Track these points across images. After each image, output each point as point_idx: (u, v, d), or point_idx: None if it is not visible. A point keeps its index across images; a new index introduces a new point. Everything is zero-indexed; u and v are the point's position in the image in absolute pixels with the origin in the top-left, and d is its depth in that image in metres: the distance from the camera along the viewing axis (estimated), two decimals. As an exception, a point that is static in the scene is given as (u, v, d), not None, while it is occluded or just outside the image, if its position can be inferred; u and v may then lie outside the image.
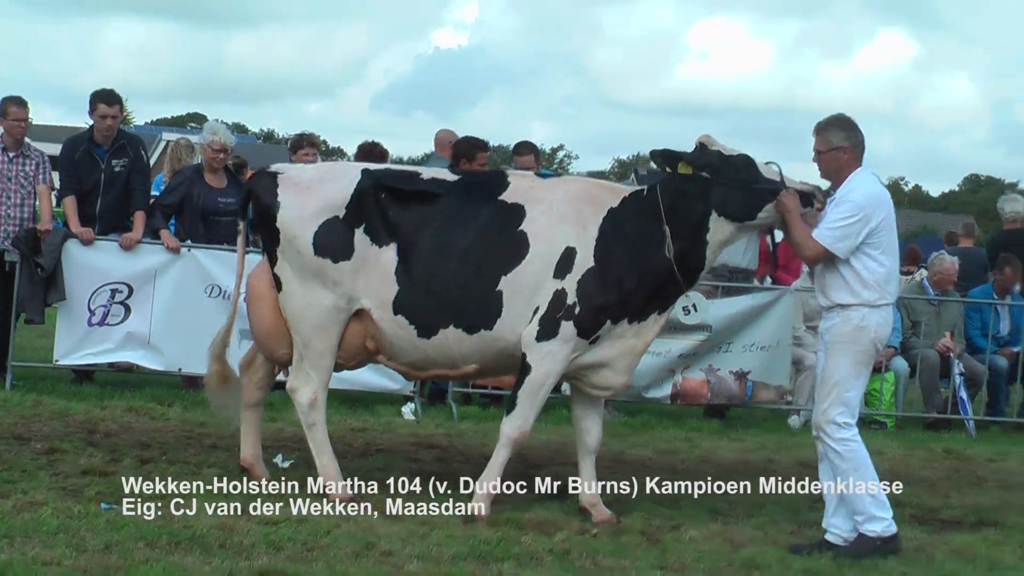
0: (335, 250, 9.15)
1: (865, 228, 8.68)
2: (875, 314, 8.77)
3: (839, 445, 8.83)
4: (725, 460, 12.04)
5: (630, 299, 9.20)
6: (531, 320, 9.06)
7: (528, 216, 9.19)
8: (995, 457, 13.33)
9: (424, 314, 9.15)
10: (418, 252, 9.15)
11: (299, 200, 9.26)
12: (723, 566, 8.07)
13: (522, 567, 7.70)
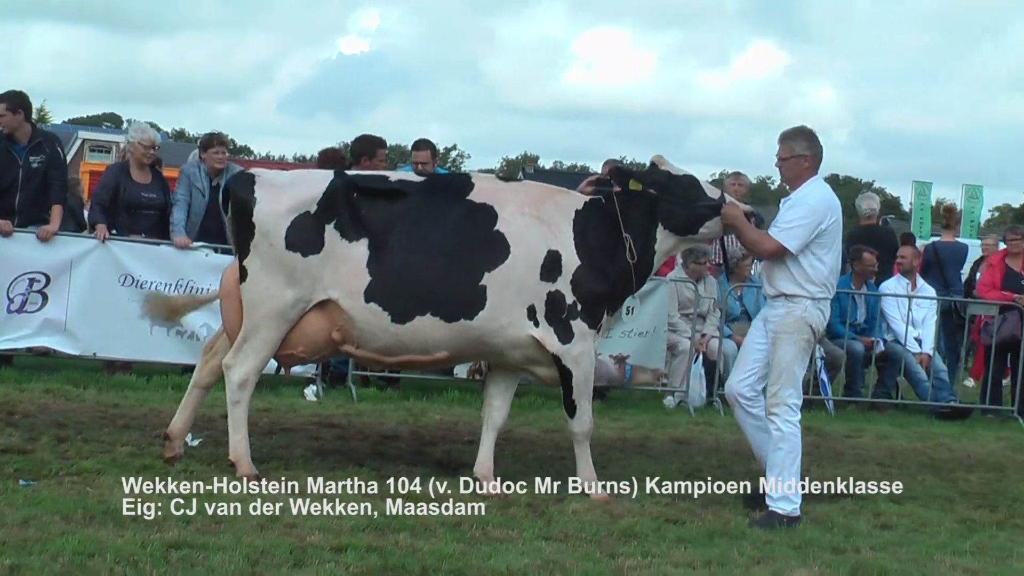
0: (305, 244, 9.16)
1: (816, 229, 9.09)
2: (816, 306, 9.18)
3: (787, 427, 9.17)
4: (605, 438, 12.10)
5: (612, 295, 9.55)
6: (526, 319, 9.26)
7: (500, 217, 9.33)
8: (851, 434, 13.53)
9: (399, 301, 9.18)
10: (392, 245, 9.19)
11: (274, 196, 9.27)
12: (603, 535, 8.12)
13: (416, 537, 7.71)
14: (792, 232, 9.09)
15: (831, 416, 14.93)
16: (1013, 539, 8.93)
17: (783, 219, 9.21)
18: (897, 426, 14.39)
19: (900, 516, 9.35)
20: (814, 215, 9.13)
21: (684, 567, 7.48)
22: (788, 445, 9.18)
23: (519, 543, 7.77)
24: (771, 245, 9.16)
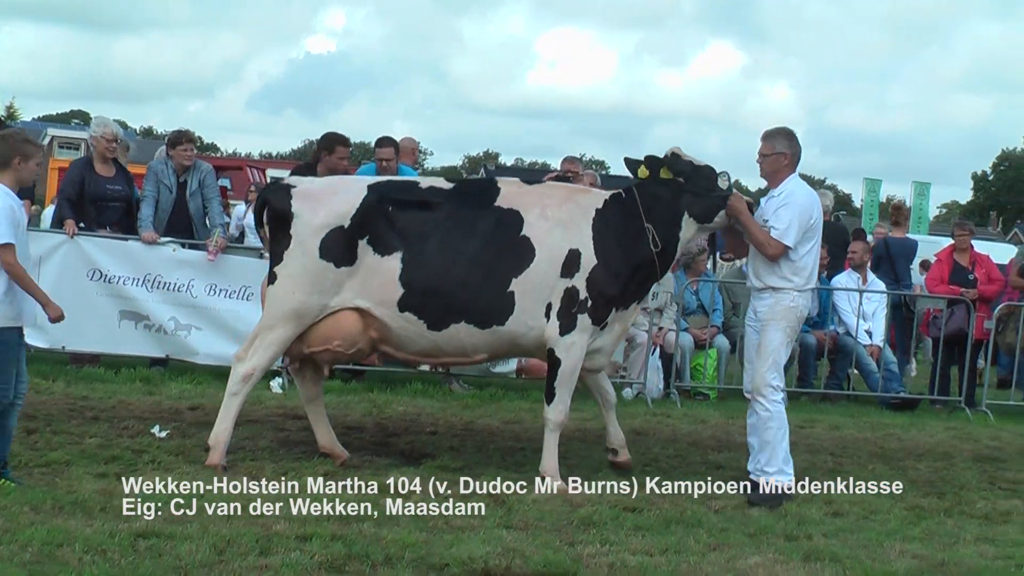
0: (339, 256, 9.30)
1: (806, 225, 9.51)
2: (801, 296, 9.63)
3: (771, 406, 9.57)
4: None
5: (627, 289, 9.66)
6: (547, 317, 9.41)
7: (526, 221, 9.48)
8: (804, 424, 13.54)
9: (434, 311, 9.36)
10: (425, 257, 9.33)
11: (311, 209, 9.40)
12: (563, 524, 8.14)
13: (380, 527, 7.71)
14: (790, 232, 9.44)
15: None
16: (960, 526, 9.00)
17: (778, 220, 9.49)
18: (848, 417, 14.45)
19: (851, 504, 9.39)
20: (804, 212, 9.51)
21: (642, 554, 7.50)
22: (776, 423, 9.56)
23: (480, 532, 7.78)
24: (778, 247, 9.46)
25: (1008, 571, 7.72)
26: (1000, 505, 9.79)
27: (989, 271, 16.50)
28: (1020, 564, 7.87)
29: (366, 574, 6.85)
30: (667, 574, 7.19)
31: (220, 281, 13.39)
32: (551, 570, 7.06)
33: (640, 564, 7.28)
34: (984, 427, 14.61)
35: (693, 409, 14.06)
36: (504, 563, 7.11)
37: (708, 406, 14.48)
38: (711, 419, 13.30)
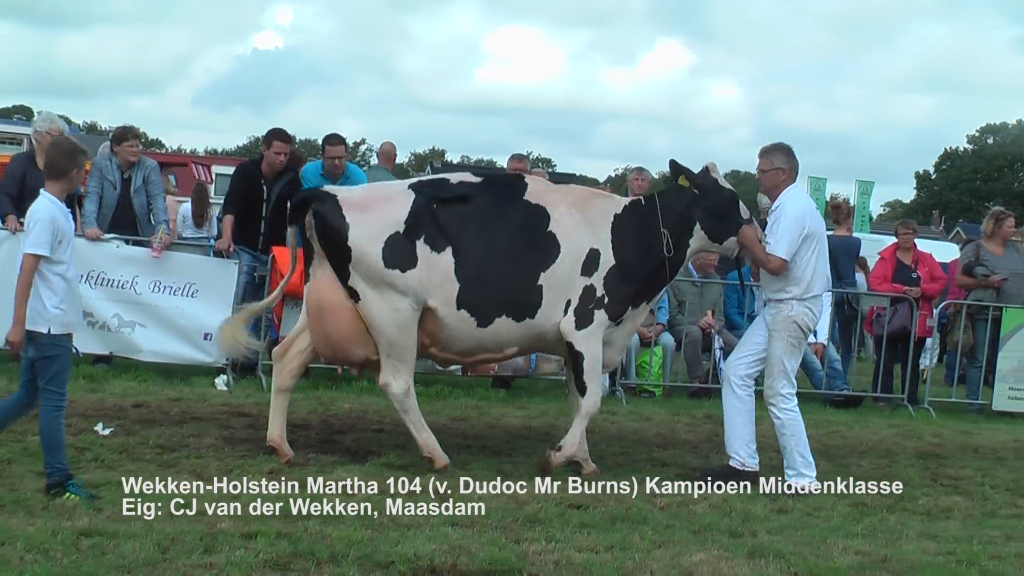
0: (402, 261, 9.48)
1: (800, 234, 9.84)
2: (801, 305, 9.94)
3: (784, 415, 9.99)
4: (511, 426, 12.15)
5: (641, 289, 10.08)
6: (565, 312, 9.79)
7: (552, 218, 9.85)
8: (750, 422, 13.65)
9: (482, 307, 9.65)
10: (469, 251, 9.61)
11: (364, 219, 9.53)
12: (508, 521, 8.14)
13: (326, 524, 7.69)
14: (780, 244, 9.82)
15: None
16: (902, 522, 9.08)
17: (772, 235, 9.92)
18: (793, 414, 14.51)
19: (796, 500, 9.46)
20: (795, 223, 9.85)
21: (587, 551, 7.52)
22: (791, 429, 9.99)
23: (426, 529, 7.78)
24: (776, 263, 9.85)
25: (949, 567, 7.79)
26: (942, 501, 9.88)
27: (932, 270, 16.64)
28: (961, 560, 7.95)
29: (311, 572, 6.82)
30: (612, 571, 7.20)
31: (164, 278, 13.28)
32: (497, 567, 7.06)
33: (585, 561, 7.30)
34: (926, 424, 14.74)
35: (638, 407, 14.10)
36: (450, 560, 7.11)
37: (654, 403, 14.54)
38: (656, 416, 13.36)
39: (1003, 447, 13.42)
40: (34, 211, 8.15)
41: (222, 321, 10.64)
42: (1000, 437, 14.12)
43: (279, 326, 13.54)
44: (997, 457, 12.69)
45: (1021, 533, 8.99)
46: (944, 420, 15.21)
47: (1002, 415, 15.86)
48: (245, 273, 13.60)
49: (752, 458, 10.04)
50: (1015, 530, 9.09)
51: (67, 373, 8.26)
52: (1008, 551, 8.31)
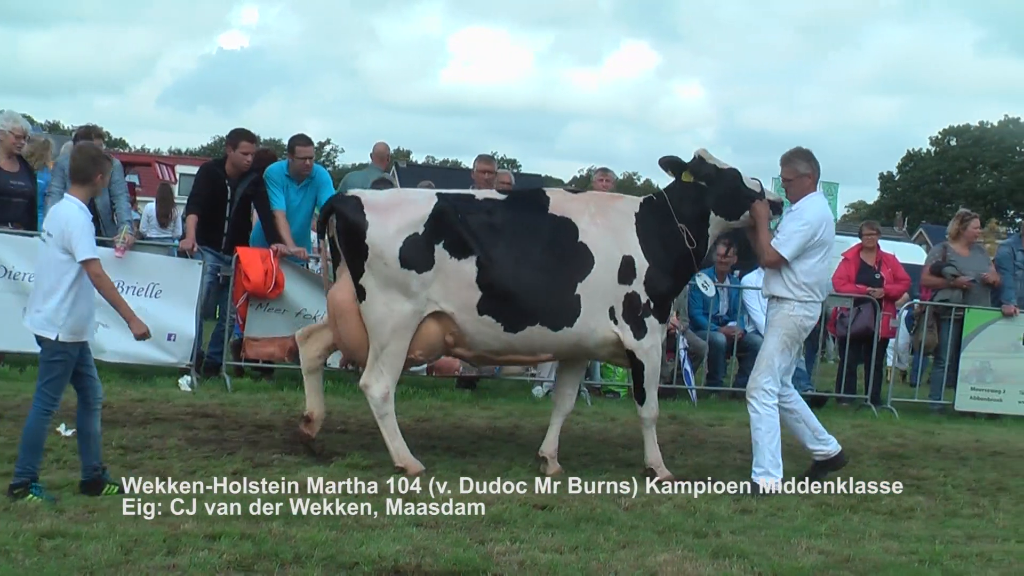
0: (419, 262, 9.63)
1: (810, 239, 10.02)
2: (803, 307, 10.12)
3: (763, 409, 10.13)
4: (476, 427, 12.14)
5: (677, 284, 10.54)
6: (608, 319, 9.96)
7: (580, 228, 10.00)
8: (714, 422, 13.69)
9: (509, 314, 9.79)
10: (497, 262, 9.73)
11: (384, 219, 9.69)
12: (473, 522, 8.14)
13: (290, 525, 7.67)
14: (789, 243, 10.01)
15: (694, 405, 15.09)
16: (865, 521, 9.11)
17: (783, 231, 10.13)
18: (757, 414, 14.56)
19: (760, 501, 9.49)
20: (809, 227, 10.04)
21: (552, 552, 7.52)
22: (767, 425, 10.10)
23: (391, 530, 7.77)
24: (773, 256, 10.08)
25: (912, 566, 7.82)
26: (904, 501, 9.92)
27: (895, 270, 16.73)
28: (923, 559, 7.98)
29: (275, 573, 6.80)
30: (577, 571, 7.20)
31: (127, 278, 13.17)
32: (461, 568, 7.05)
33: (550, 562, 7.29)
34: (889, 424, 14.84)
35: (603, 407, 14.12)
36: (414, 561, 7.10)
37: (619, 404, 14.56)
38: (621, 417, 13.36)
39: (965, 447, 13.51)
40: (69, 218, 8.13)
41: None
42: (962, 437, 14.21)
43: (243, 326, 13.50)
44: (959, 457, 12.77)
45: (982, 533, 9.06)
46: (907, 420, 15.31)
47: (964, 415, 15.98)
48: (209, 273, 13.55)
49: (827, 444, 10.51)
50: (977, 530, 9.15)
51: (65, 380, 8.28)
52: (970, 550, 8.36)
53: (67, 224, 8.07)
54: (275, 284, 13.26)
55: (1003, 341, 16.12)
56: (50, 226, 8.22)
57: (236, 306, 13.43)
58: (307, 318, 13.47)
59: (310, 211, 14.44)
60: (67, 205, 8.21)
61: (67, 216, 8.12)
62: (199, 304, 13.31)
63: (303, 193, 14.15)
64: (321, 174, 14.45)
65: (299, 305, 13.53)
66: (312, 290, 13.51)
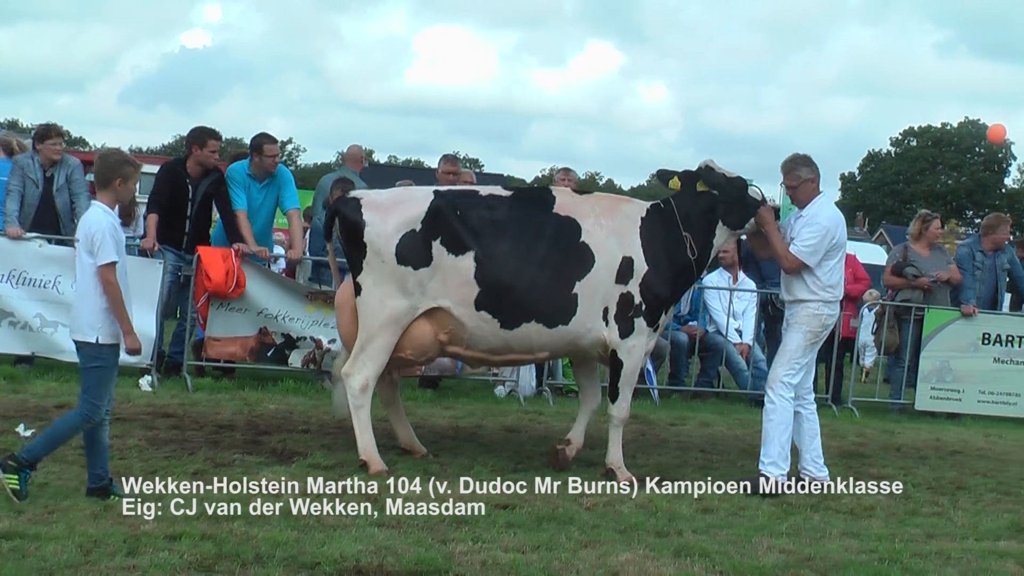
0: (415, 259, 9.84)
1: (829, 243, 10.26)
2: (826, 307, 10.37)
3: (779, 401, 10.28)
4: (437, 427, 12.13)
5: (674, 292, 10.55)
6: (602, 319, 10.12)
7: (584, 228, 10.14)
8: (675, 422, 13.72)
9: (508, 310, 9.94)
10: (497, 258, 9.90)
11: (381, 217, 9.92)
12: (435, 521, 8.13)
13: (251, 525, 7.64)
14: (811, 250, 10.21)
15: (656, 405, 15.11)
16: (826, 520, 9.16)
17: (800, 238, 10.27)
18: (719, 414, 14.64)
19: (721, 500, 9.51)
20: (827, 232, 10.27)
21: (514, 551, 7.52)
22: (779, 417, 10.25)
23: (352, 530, 7.75)
24: (794, 262, 10.26)
25: (872, 564, 7.86)
26: (864, 500, 9.96)
27: (855, 270, 16.76)
28: (883, 558, 8.03)
29: (236, 573, 6.78)
30: (539, 571, 7.20)
31: (88, 277, 13.13)
32: (423, 568, 7.05)
33: (512, 561, 7.30)
34: (850, 423, 14.91)
35: (565, 407, 14.11)
36: (376, 561, 7.09)
37: (577, 404, 14.52)
38: (583, 416, 13.36)
39: (925, 446, 13.59)
40: (92, 223, 8.24)
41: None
42: (922, 436, 14.30)
43: (204, 326, 13.45)
44: (919, 456, 12.84)
45: (942, 531, 9.11)
46: (867, 420, 15.39)
47: (924, 415, 16.07)
48: (170, 273, 13.49)
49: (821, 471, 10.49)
50: (936, 528, 9.20)
51: (108, 385, 8.35)
52: (929, 549, 8.41)
53: (90, 228, 8.21)
54: (236, 284, 13.23)
55: (962, 341, 16.22)
56: (79, 232, 8.38)
57: (197, 306, 13.38)
58: (269, 317, 13.46)
59: (272, 210, 14.41)
60: (93, 210, 8.37)
61: (91, 220, 8.26)
62: (160, 304, 13.24)
63: (265, 192, 14.13)
64: (283, 173, 14.42)
65: (260, 305, 13.50)
66: (274, 290, 13.49)
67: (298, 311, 13.68)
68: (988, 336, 16.23)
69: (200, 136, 14.00)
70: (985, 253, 16.87)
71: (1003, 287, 16.99)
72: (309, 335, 13.69)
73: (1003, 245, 17.13)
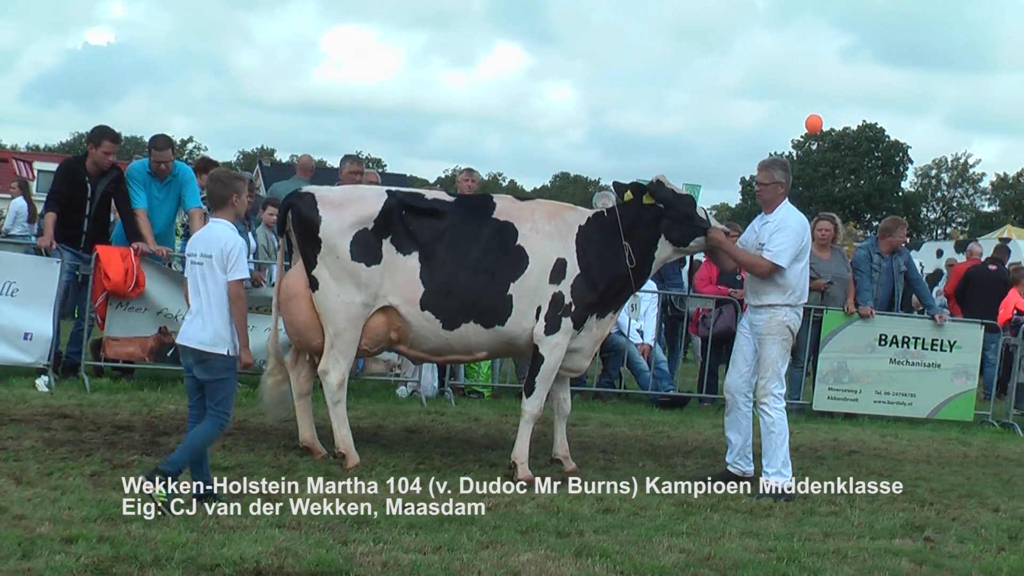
0: (367, 256, 10.18)
1: (799, 247, 10.64)
2: (793, 311, 10.76)
3: (775, 413, 10.63)
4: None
5: (603, 298, 10.65)
6: (535, 318, 10.41)
7: (520, 233, 10.48)
8: (577, 422, 13.74)
9: (448, 311, 10.30)
10: (438, 260, 10.29)
11: (336, 214, 10.24)
12: (336, 523, 8.11)
13: (150, 527, 7.57)
14: (784, 254, 10.55)
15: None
16: (725, 520, 9.24)
17: (773, 243, 10.60)
18: (620, 414, 14.72)
19: (622, 500, 9.57)
20: (797, 236, 10.67)
21: (415, 552, 7.52)
22: (778, 428, 10.61)
23: (252, 531, 7.71)
24: (768, 266, 10.60)
25: (770, 563, 7.96)
26: (763, 500, 10.08)
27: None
28: (782, 557, 8.13)
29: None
30: (440, 572, 7.21)
31: (-16, 277, 12.95)
32: (323, 569, 7.03)
33: (413, 562, 7.30)
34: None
35: (467, 407, 14.14)
36: (276, 562, 7.06)
37: (482, 404, 14.59)
38: (485, 417, 13.41)
39: (822, 446, 13.77)
40: (227, 239, 8.54)
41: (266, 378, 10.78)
42: (819, 436, 14.47)
43: (103, 326, 13.29)
44: (817, 456, 13.01)
45: (838, 530, 9.24)
46: (767, 420, 15.51)
47: (822, 415, 16.26)
48: (67, 272, 13.31)
49: (749, 465, 10.99)
50: (833, 527, 9.32)
51: (233, 394, 8.78)
52: (826, 548, 8.53)
53: (225, 245, 8.48)
54: (136, 283, 13.09)
55: (859, 342, 16.43)
56: (205, 248, 8.57)
57: (95, 305, 13.22)
58: (168, 317, 13.33)
59: (173, 209, 14.28)
60: (221, 228, 8.60)
61: (225, 238, 8.51)
62: (57, 303, 13.07)
63: (165, 191, 14.00)
64: (184, 172, 14.30)
65: (160, 304, 13.37)
66: (174, 289, 13.35)
67: (198, 311, 13.53)
68: (885, 337, 16.46)
69: (97, 136, 13.83)
70: (882, 255, 17.09)
71: (900, 289, 17.23)
72: (209, 335, 13.57)
73: (900, 247, 17.37)
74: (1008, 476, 12.75)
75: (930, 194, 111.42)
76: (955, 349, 16.77)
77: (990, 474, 12.82)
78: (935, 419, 16.52)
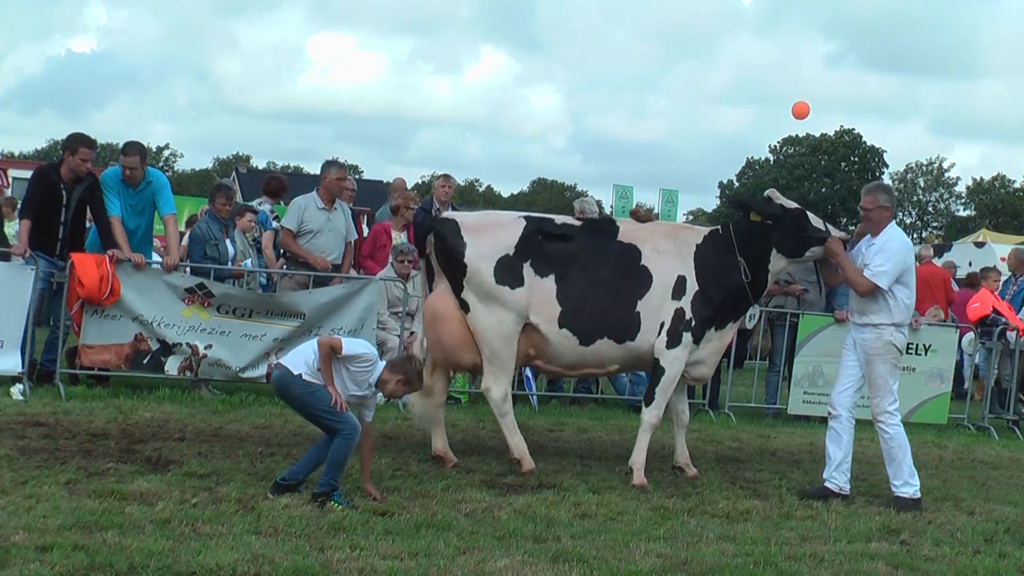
0: (511, 280, 10.88)
1: (902, 268, 10.83)
2: (898, 330, 10.96)
3: (892, 430, 10.91)
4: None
5: (720, 311, 11.25)
6: (659, 333, 11.03)
7: (643, 253, 11.16)
8: (554, 427, 13.78)
9: (585, 328, 10.97)
10: (572, 281, 10.98)
11: (480, 241, 10.97)
12: (312, 529, 8.08)
13: (125, 535, 7.53)
14: (885, 275, 10.77)
15: (535, 411, 15.18)
16: (702, 525, 9.25)
17: (875, 263, 10.82)
18: (597, 420, 14.74)
19: (599, 506, 9.58)
20: (900, 258, 10.86)
21: (391, 559, 7.51)
22: (897, 443, 10.89)
23: (228, 538, 7.67)
24: (868, 286, 10.80)
25: (747, 568, 7.96)
26: (740, 504, 10.11)
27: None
28: (759, 561, 8.14)
29: (109, 584, 6.70)
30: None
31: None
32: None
33: (390, 568, 7.29)
34: (726, 429, 15.09)
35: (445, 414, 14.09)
36: (252, 570, 7.03)
37: (459, 410, 14.56)
38: (462, 423, 13.40)
39: (799, 450, 13.81)
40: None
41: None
42: (796, 440, 14.52)
43: (79, 333, 13.26)
44: (793, 460, 13.04)
45: (815, 534, 9.26)
46: (743, 424, 15.60)
47: (798, 419, 16.30)
48: (42, 279, 13.27)
49: (847, 483, 11.04)
50: (809, 531, 9.35)
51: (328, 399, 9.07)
52: (803, 552, 8.55)
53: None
54: (111, 291, 13.06)
55: (835, 346, 16.30)
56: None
57: (71, 313, 13.18)
58: (144, 324, 13.30)
59: (149, 217, 14.26)
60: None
61: None
62: (31, 310, 13.03)
63: (138, 198, 13.97)
64: (158, 179, 14.29)
65: (135, 311, 13.34)
66: (149, 296, 13.32)
67: (174, 317, 13.52)
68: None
69: (73, 143, 13.80)
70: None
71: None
72: (185, 341, 13.56)
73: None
74: (983, 479, 12.81)
75: (906, 198, 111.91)
76: (930, 353, 16.85)
77: (965, 477, 12.89)
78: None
